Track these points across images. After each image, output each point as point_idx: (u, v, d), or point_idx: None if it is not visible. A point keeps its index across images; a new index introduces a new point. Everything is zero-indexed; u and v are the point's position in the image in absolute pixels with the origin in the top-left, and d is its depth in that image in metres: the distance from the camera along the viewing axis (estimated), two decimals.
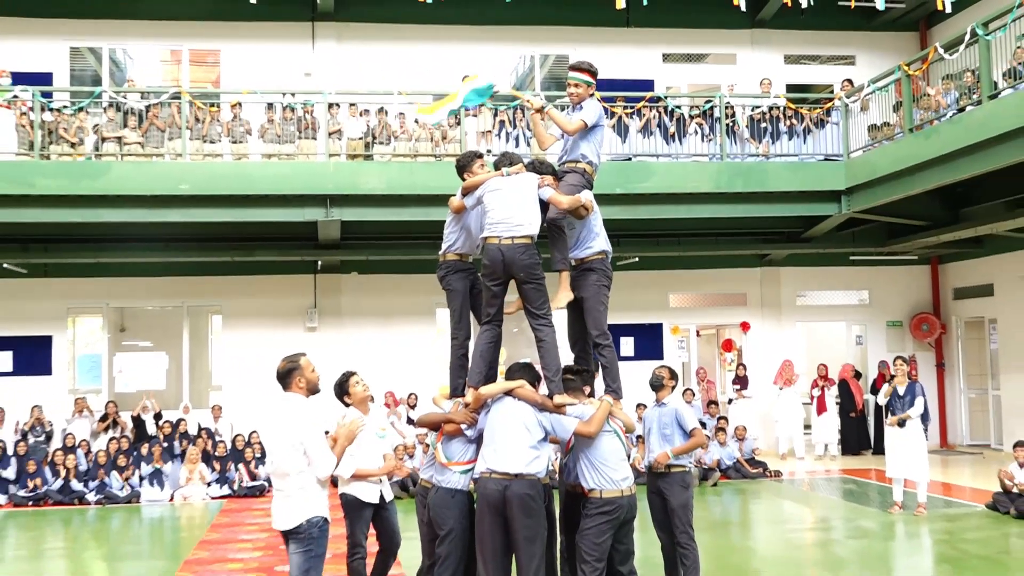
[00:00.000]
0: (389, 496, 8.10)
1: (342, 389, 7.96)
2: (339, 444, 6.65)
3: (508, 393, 6.86)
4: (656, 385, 8.58)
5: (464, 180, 7.43)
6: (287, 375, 6.58)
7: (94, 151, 16.09)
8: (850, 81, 18.37)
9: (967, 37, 14.12)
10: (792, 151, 17.57)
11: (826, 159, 17.45)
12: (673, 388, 8.65)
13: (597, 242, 7.46)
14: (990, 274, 19.71)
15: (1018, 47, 13.82)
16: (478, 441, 6.93)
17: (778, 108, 17.69)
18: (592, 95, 7.64)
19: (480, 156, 7.55)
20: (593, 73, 7.67)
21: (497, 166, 7.37)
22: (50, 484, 15.78)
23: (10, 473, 15.94)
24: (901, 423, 12.79)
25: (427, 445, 9.10)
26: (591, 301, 7.36)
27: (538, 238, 7.20)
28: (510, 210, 7.06)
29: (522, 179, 7.22)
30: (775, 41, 20.93)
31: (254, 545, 11.74)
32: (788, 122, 17.63)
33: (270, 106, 16.81)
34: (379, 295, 19.35)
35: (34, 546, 12.71)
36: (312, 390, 6.61)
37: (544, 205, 7.24)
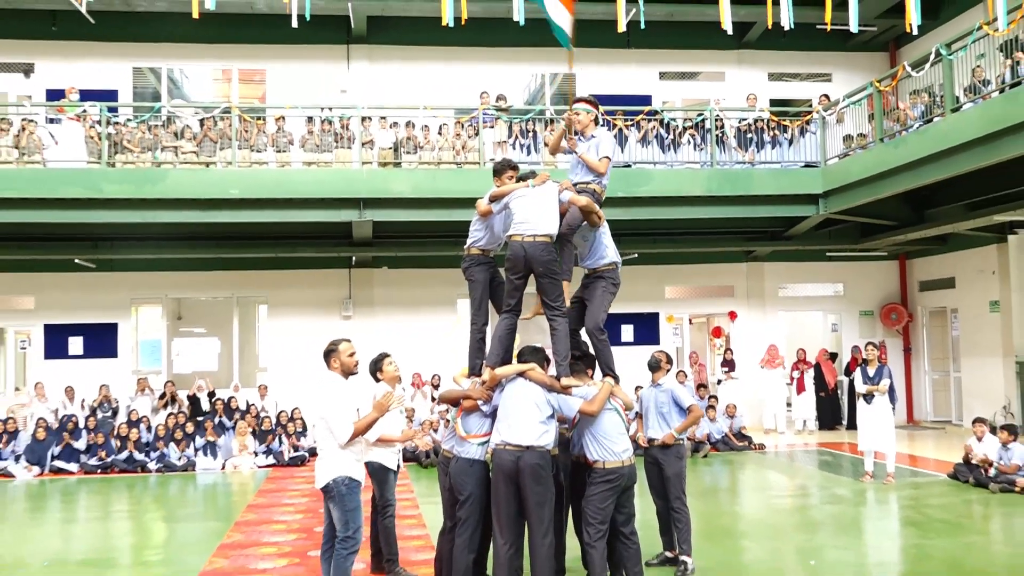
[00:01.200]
0: (401, 466, 8.29)
1: (376, 367, 8.05)
2: (370, 415, 6.71)
3: (521, 374, 6.88)
4: (653, 367, 8.64)
5: (496, 183, 7.45)
6: (327, 356, 6.74)
7: (154, 160, 16.15)
8: (827, 96, 18.29)
9: (932, 57, 14.08)
10: (775, 159, 17.51)
11: (805, 166, 17.40)
12: (668, 370, 8.69)
13: (607, 254, 7.51)
14: (952, 269, 19.63)
15: (977, 66, 13.77)
16: (493, 416, 6.94)
17: (762, 120, 17.63)
18: (595, 120, 7.68)
19: (515, 168, 7.56)
20: (594, 103, 7.77)
21: (523, 178, 7.41)
22: (116, 454, 15.87)
23: (81, 444, 16.03)
24: (869, 397, 12.79)
25: (447, 420, 9.13)
26: (596, 301, 7.42)
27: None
28: (533, 213, 7.10)
29: (545, 188, 7.25)
30: (760, 60, 20.88)
31: (296, 508, 11.79)
32: (771, 133, 17.57)
33: (310, 119, 16.83)
34: (407, 287, 19.37)
35: (103, 509, 12.78)
36: (347, 372, 6.68)
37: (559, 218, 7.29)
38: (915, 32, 15.42)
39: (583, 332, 7.47)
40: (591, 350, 7.48)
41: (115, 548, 10.32)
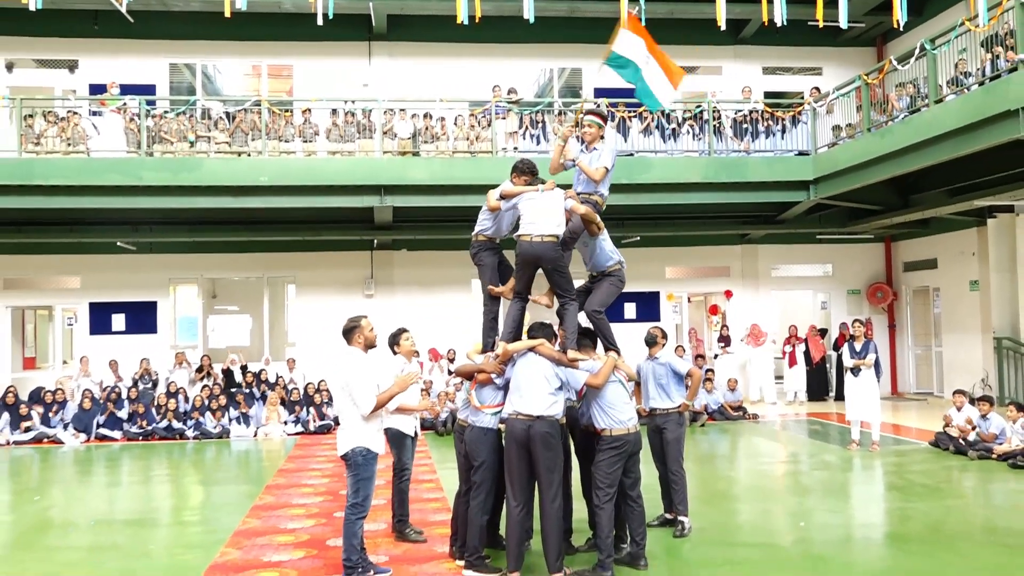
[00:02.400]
0: (419, 433, 8.34)
1: (394, 340, 8.05)
2: (391, 389, 6.74)
3: (531, 349, 6.89)
4: (650, 342, 8.68)
5: (512, 179, 7.43)
6: (349, 332, 6.74)
7: (190, 143, 16.16)
8: (818, 89, 18.19)
9: (917, 51, 13.96)
10: (768, 148, 17.40)
11: (797, 154, 17.29)
12: (664, 345, 8.69)
13: (612, 257, 7.52)
14: (934, 250, 19.53)
15: (959, 59, 13.64)
16: (506, 388, 6.96)
17: (757, 112, 17.53)
18: (602, 136, 7.60)
19: (534, 172, 7.49)
20: (604, 117, 7.70)
21: (531, 182, 7.39)
22: (156, 423, 15.96)
23: (123, 414, 16.12)
24: (857, 371, 12.77)
25: (460, 386, 9.14)
26: (600, 292, 7.48)
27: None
28: (541, 215, 7.08)
29: (552, 193, 7.24)
30: (755, 55, 20.72)
31: (322, 473, 11.85)
32: (765, 123, 17.46)
33: (334, 111, 16.82)
34: (424, 268, 19.37)
35: (144, 473, 12.87)
36: (369, 346, 6.74)
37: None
38: (901, 28, 15.34)
39: (583, 316, 7.47)
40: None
41: (156, 509, 10.40)
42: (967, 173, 15.11)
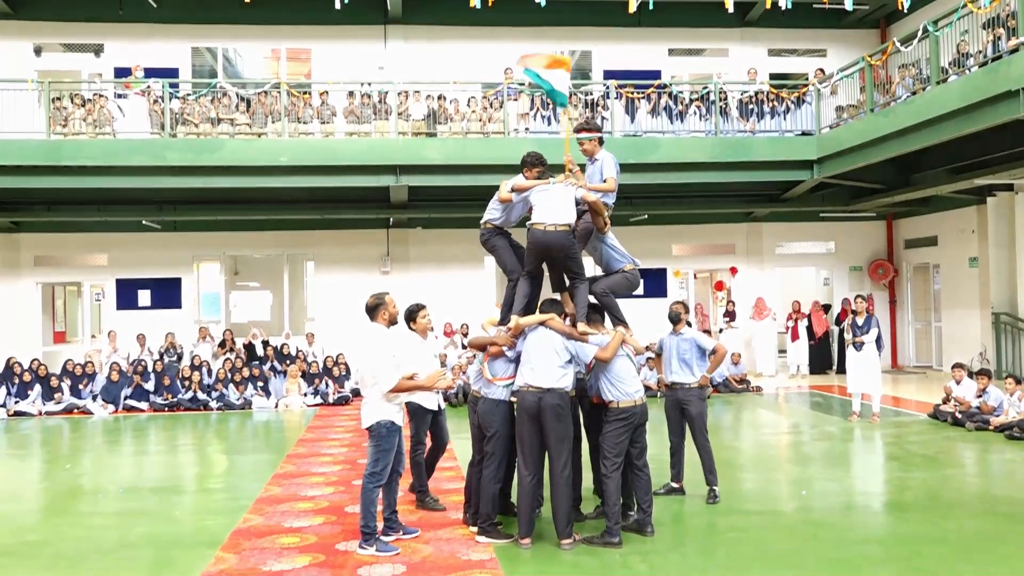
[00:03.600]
0: (443, 406, 8.36)
1: (411, 316, 8.02)
2: (416, 382, 6.80)
3: (542, 324, 6.89)
4: (674, 319, 8.57)
5: (524, 173, 7.39)
6: (374, 309, 6.77)
7: (213, 123, 16.15)
8: (822, 70, 18.00)
9: (920, 33, 13.79)
10: (773, 128, 17.28)
11: (801, 134, 17.16)
12: (687, 321, 8.63)
13: (624, 259, 7.48)
14: (934, 228, 19.40)
15: (961, 40, 13.47)
16: (517, 361, 6.96)
17: (762, 93, 17.39)
18: (600, 144, 7.57)
19: (543, 164, 7.44)
20: (594, 128, 7.65)
21: (542, 173, 7.36)
22: (181, 394, 16.06)
23: (150, 386, 16.22)
24: (858, 345, 12.72)
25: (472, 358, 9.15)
26: (610, 278, 7.48)
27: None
28: (552, 205, 7.07)
29: (562, 186, 7.22)
30: (760, 37, 20.52)
31: (340, 443, 11.89)
32: (770, 104, 17.33)
33: (351, 94, 16.78)
34: (439, 245, 19.36)
35: (170, 442, 12.96)
36: (392, 322, 6.78)
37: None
38: (905, 10, 15.15)
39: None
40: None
41: (181, 476, 10.48)
42: (968, 152, 14.98)
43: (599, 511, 7.31)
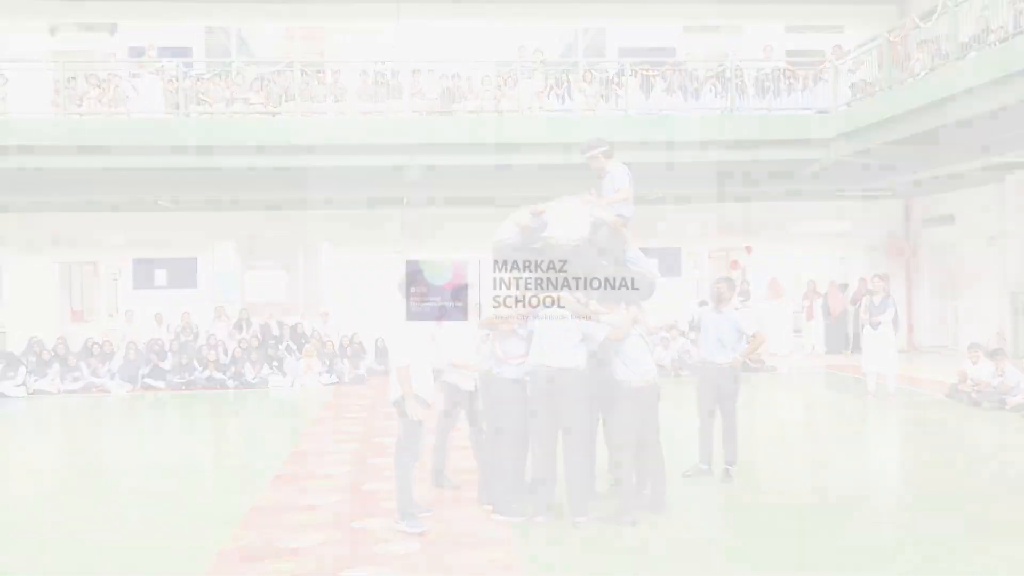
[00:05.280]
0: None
1: None
2: (409, 387, 6.61)
3: (554, 302, 6.89)
4: (719, 297, 8.38)
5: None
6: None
7: (226, 110, 16.18)
8: (840, 47, 17.82)
9: (939, 8, 13.63)
10: (790, 105, 17.15)
11: (818, 112, 17.03)
12: (731, 300, 8.49)
13: (647, 272, 7.39)
14: (953, 206, 19.25)
15: (981, 16, 13.31)
16: (530, 341, 6.99)
17: (779, 69, 17.26)
18: (608, 156, 7.46)
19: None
20: (595, 144, 7.50)
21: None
22: (198, 373, 16.20)
23: (167, 365, 16.36)
24: (875, 325, 12.69)
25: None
26: (642, 263, 7.40)
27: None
28: (567, 219, 6.97)
29: (577, 201, 7.18)
30: (777, 14, 20.30)
31: (355, 422, 11.96)
32: (787, 81, 17.20)
33: (364, 72, 16.74)
34: (453, 225, 19.35)
35: (187, 420, 13.10)
36: None
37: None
38: None
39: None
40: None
41: (199, 453, 10.61)
42: (987, 130, 14.83)
43: (613, 489, 7.36)
